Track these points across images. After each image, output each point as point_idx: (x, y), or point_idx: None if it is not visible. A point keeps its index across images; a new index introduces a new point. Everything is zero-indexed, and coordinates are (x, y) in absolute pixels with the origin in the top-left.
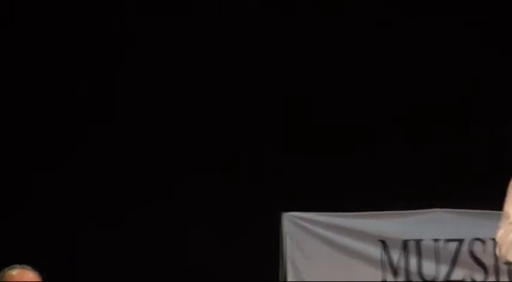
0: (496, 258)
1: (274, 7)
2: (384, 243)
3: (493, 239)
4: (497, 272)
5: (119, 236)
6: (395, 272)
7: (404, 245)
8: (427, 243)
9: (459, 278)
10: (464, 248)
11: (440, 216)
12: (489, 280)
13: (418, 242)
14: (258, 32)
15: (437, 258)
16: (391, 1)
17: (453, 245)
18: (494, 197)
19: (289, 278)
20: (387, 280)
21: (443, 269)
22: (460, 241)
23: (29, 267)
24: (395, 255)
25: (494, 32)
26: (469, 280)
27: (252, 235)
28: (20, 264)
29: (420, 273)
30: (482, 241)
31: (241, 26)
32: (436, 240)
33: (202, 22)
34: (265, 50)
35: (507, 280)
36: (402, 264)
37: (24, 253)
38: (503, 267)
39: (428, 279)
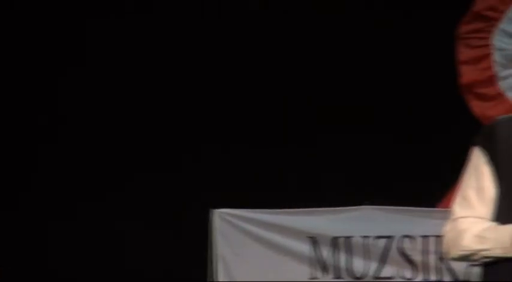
0: (425, 255)
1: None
2: (313, 240)
3: (422, 236)
4: (426, 269)
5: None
6: (324, 269)
7: (334, 242)
8: (357, 240)
9: (388, 275)
10: (394, 245)
11: (369, 213)
12: (418, 277)
13: (347, 239)
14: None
15: (366, 255)
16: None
17: (382, 242)
18: (424, 194)
19: (219, 275)
20: (316, 277)
21: (373, 266)
22: (390, 238)
23: None
24: (325, 252)
25: None
26: (398, 277)
27: (182, 233)
28: None
29: (350, 270)
30: (412, 238)
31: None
32: (365, 237)
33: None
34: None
35: (435, 277)
36: (332, 261)
37: None
38: (432, 265)
39: (358, 276)
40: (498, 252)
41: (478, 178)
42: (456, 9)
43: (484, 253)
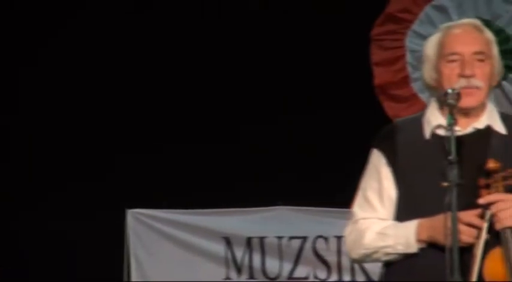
0: (339, 255)
1: None
2: (227, 241)
3: (336, 237)
4: (339, 270)
5: None
6: (239, 270)
7: (248, 242)
8: (271, 240)
9: (302, 275)
10: (308, 245)
11: (283, 213)
12: (332, 277)
13: (261, 239)
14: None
15: (280, 255)
16: None
17: (297, 243)
18: (338, 195)
19: (133, 275)
20: (230, 277)
21: (287, 267)
22: (304, 238)
23: None
24: (239, 253)
25: None
26: (312, 277)
27: (98, 233)
28: None
29: (264, 270)
30: (325, 238)
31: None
32: (279, 237)
33: None
34: None
35: (349, 277)
36: (246, 262)
37: None
38: (346, 265)
39: (272, 277)
40: (400, 249)
41: (378, 180)
42: (370, 10)
43: (386, 250)
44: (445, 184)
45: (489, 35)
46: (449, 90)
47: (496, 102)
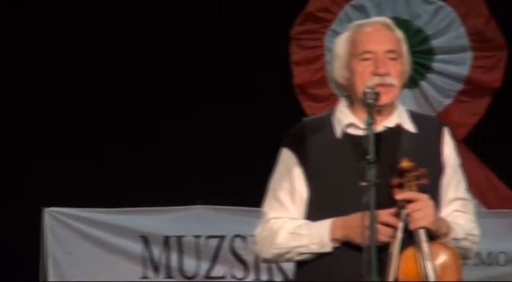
0: (256, 254)
1: None
2: (145, 240)
3: (254, 236)
4: (257, 269)
5: None
6: (156, 269)
7: (166, 241)
8: (188, 239)
9: (220, 274)
10: (225, 244)
11: (201, 212)
12: (249, 277)
13: (179, 238)
14: None
15: (198, 254)
16: None
17: (214, 242)
18: (255, 194)
19: (50, 274)
20: (148, 276)
21: (204, 266)
22: (221, 238)
23: None
24: (157, 252)
25: None
26: (229, 277)
27: (14, 232)
28: None
29: (181, 269)
30: (243, 238)
31: None
32: (197, 236)
33: None
34: None
35: (266, 277)
36: (163, 261)
37: None
38: (264, 264)
39: (189, 276)
40: (314, 248)
41: (290, 179)
42: (290, 10)
43: (300, 250)
44: (364, 184)
45: (399, 33)
46: (368, 90)
47: (415, 102)
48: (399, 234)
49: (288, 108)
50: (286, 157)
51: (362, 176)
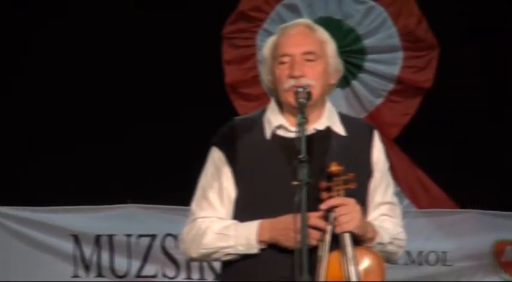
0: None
1: None
2: (76, 238)
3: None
4: (188, 268)
5: None
6: (87, 268)
7: (97, 240)
8: (120, 238)
9: (151, 273)
10: (157, 243)
11: (132, 211)
12: (180, 276)
13: (110, 237)
14: None
15: (129, 253)
16: None
17: (145, 241)
18: (187, 193)
19: None
20: (79, 275)
21: (135, 265)
22: (153, 237)
23: None
24: (88, 251)
25: None
26: (160, 276)
27: None
28: None
29: (112, 268)
30: (174, 237)
31: None
32: (128, 235)
33: None
34: None
35: (198, 276)
36: (94, 260)
37: None
38: (195, 263)
39: (120, 275)
40: (241, 249)
41: (219, 179)
42: (222, 8)
43: (227, 250)
44: (295, 183)
45: (321, 34)
46: (300, 89)
47: (346, 102)
48: (327, 237)
49: (219, 108)
50: (216, 156)
51: (291, 178)
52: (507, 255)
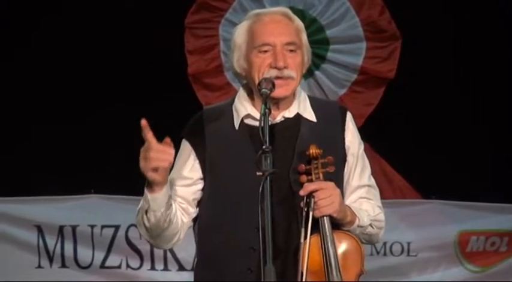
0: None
1: None
2: (39, 229)
3: None
4: (152, 259)
5: None
6: (50, 258)
7: (60, 230)
8: (83, 229)
9: (115, 264)
10: (120, 233)
11: (96, 202)
12: (144, 266)
13: (73, 227)
14: None
15: (93, 244)
16: None
17: (109, 231)
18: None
19: None
20: (42, 266)
21: (99, 255)
22: (116, 227)
23: None
24: (51, 241)
25: None
26: (124, 266)
27: None
28: None
29: (76, 259)
30: None
31: None
32: (92, 226)
33: None
34: None
35: (162, 266)
36: (58, 250)
37: None
38: (159, 254)
39: (84, 266)
40: (144, 205)
41: (186, 169)
42: None
43: (141, 213)
44: (260, 173)
45: (299, 23)
46: (264, 80)
47: (309, 92)
48: (309, 222)
49: (183, 98)
50: (185, 148)
51: (257, 168)
52: (472, 246)
